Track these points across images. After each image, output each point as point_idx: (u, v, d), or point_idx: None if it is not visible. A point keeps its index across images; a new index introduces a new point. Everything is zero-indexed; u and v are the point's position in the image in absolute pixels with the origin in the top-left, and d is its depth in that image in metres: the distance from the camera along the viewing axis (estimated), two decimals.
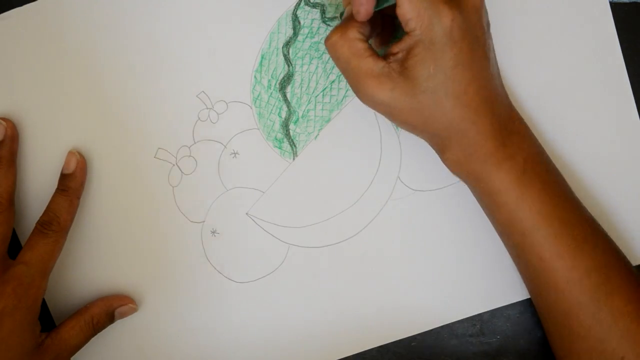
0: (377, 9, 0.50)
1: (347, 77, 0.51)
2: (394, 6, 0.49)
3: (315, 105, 0.58)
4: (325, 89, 0.58)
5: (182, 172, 0.58)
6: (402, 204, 0.58)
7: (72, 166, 0.57)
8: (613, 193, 0.58)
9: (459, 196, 0.58)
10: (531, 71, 0.58)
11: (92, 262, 0.59)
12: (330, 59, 0.57)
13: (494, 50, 0.52)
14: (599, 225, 0.53)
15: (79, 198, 0.57)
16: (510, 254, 0.54)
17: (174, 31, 0.58)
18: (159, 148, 0.58)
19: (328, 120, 0.58)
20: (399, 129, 0.58)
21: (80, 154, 0.57)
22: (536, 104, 0.58)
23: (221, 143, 0.58)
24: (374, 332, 0.59)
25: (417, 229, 0.58)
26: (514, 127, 0.52)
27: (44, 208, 0.56)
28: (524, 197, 0.51)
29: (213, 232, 0.58)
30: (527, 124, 0.54)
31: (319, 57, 0.58)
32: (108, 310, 0.57)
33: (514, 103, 0.54)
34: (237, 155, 0.58)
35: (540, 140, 0.54)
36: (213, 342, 0.59)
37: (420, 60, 0.48)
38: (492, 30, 0.52)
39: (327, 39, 0.51)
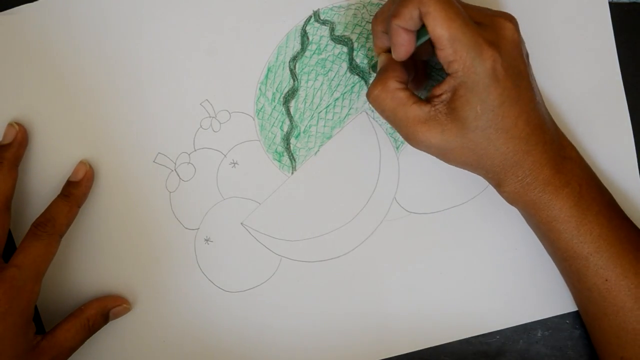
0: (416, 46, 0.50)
1: (395, 127, 0.52)
2: (426, 49, 0.50)
3: (318, 121, 0.58)
4: (328, 105, 0.58)
5: (180, 178, 0.58)
6: (397, 225, 0.59)
7: (79, 175, 0.57)
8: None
9: (454, 221, 0.58)
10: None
11: (85, 263, 0.59)
12: (336, 76, 0.57)
13: (535, 78, 0.52)
14: None
15: (79, 207, 0.57)
16: (570, 279, 0.55)
17: (182, 38, 0.58)
18: (159, 153, 0.58)
19: (329, 137, 0.58)
20: (399, 150, 0.58)
21: (90, 165, 0.57)
22: None
23: (221, 152, 0.58)
24: (361, 349, 0.59)
25: (410, 251, 0.59)
26: (566, 154, 0.53)
27: None
28: (584, 222, 0.52)
29: (207, 240, 0.59)
30: None
31: (324, 74, 0.58)
32: (103, 311, 0.57)
33: None
34: (236, 165, 0.58)
35: None
36: (198, 348, 0.59)
37: (466, 101, 0.49)
38: None
39: (369, 94, 0.52)
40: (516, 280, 0.58)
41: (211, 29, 0.58)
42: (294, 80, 0.58)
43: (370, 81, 0.58)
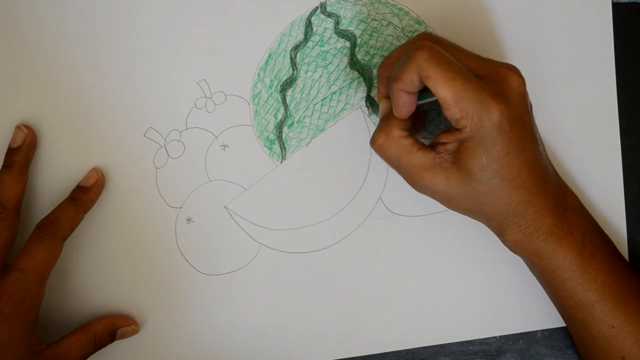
0: (417, 104, 0.51)
1: (400, 173, 0.52)
2: (428, 103, 0.50)
3: (313, 112, 0.58)
4: (325, 98, 0.58)
5: (168, 155, 0.58)
6: (380, 224, 0.59)
7: (90, 181, 0.57)
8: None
9: (435, 226, 0.59)
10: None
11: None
12: (335, 69, 0.57)
13: (537, 128, 0.53)
14: None
15: (85, 212, 0.56)
16: (576, 327, 0.55)
17: (186, 17, 0.58)
18: (150, 127, 0.58)
19: (322, 130, 0.58)
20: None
21: (102, 173, 0.57)
22: None
23: (213, 133, 0.58)
24: (329, 345, 0.59)
25: (389, 251, 0.59)
26: (568, 203, 0.54)
27: None
28: (588, 271, 0.52)
29: (188, 220, 0.58)
30: None
31: (324, 67, 0.58)
32: (111, 329, 0.57)
33: None
34: (226, 148, 0.58)
35: None
36: (167, 327, 0.58)
37: (472, 153, 0.49)
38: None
39: (373, 142, 0.52)
40: (493, 293, 0.59)
41: (217, 11, 0.58)
42: (293, 70, 0.58)
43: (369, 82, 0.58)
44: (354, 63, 0.58)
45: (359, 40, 0.58)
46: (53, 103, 0.57)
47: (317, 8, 0.58)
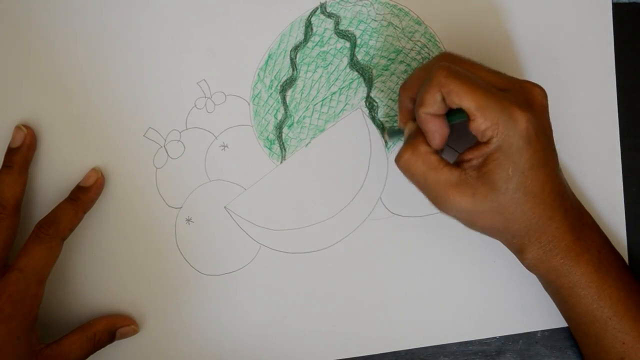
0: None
1: (425, 191, 0.52)
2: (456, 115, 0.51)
3: (313, 113, 0.58)
4: (325, 99, 0.58)
5: (168, 155, 0.58)
6: (380, 224, 0.59)
7: (90, 181, 0.57)
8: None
9: (435, 227, 0.59)
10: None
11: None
12: (335, 70, 0.58)
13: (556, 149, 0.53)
14: None
15: (85, 212, 0.56)
16: (588, 342, 0.55)
17: (186, 17, 0.58)
18: (150, 127, 0.58)
19: (322, 130, 0.58)
20: (389, 149, 0.58)
21: (102, 173, 0.57)
22: None
23: (212, 134, 0.58)
24: (329, 345, 0.59)
25: (389, 251, 0.59)
26: (584, 220, 0.54)
27: None
28: (604, 287, 0.53)
29: (188, 220, 0.58)
30: None
31: (324, 67, 0.58)
32: (111, 329, 0.57)
33: None
34: (226, 148, 0.58)
35: None
36: (166, 327, 0.58)
37: (499, 164, 0.49)
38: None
39: (398, 158, 0.52)
40: (493, 293, 0.59)
41: (217, 11, 0.58)
42: (293, 70, 0.58)
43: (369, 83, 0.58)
44: (354, 63, 0.58)
45: (359, 41, 0.58)
46: (53, 103, 0.58)
47: (317, 8, 0.58)
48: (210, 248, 0.58)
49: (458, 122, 0.51)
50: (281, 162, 0.58)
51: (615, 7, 0.59)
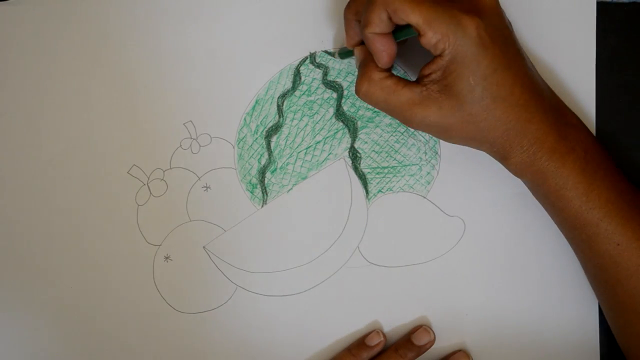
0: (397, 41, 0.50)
1: (391, 114, 0.51)
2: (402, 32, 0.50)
3: (296, 160, 0.59)
4: (309, 147, 0.59)
5: (151, 193, 0.58)
6: (356, 273, 0.59)
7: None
8: None
9: (412, 278, 0.59)
10: None
11: (37, 256, 0.58)
12: (321, 119, 0.58)
13: (521, 46, 0.52)
14: None
15: None
16: (581, 248, 0.54)
17: (177, 58, 0.58)
18: (134, 165, 0.58)
19: (304, 178, 0.59)
20: (370, 200, 0.59)
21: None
22: None
23: (196, 174, 0.58)
24: None
25: (363, 300, 0.59)
26: (568, 120, 0.53)
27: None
28: (591, 188, 0.51)
29: (166, 258, 0.59)
30: None
31: (310, 116, 0.59)
32: None
33: None
34: (208, 189, 0.59)
35: None
36: None
37: (457, 75, 0.48)
38: None
39: (357, 91, 0.51)
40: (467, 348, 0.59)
41: (207, 55, 0.58)
42: (279, 117, 0.59)
43: (354, 130, 0.58)
44: (339, 114, 0.59)
45: (345, 92, 0.58)
46: (38, 137, 0.58)
47: (306, 58, 0.58)
48: (187, 286, 0.59)
49: (406, 38, 0.50)
50: (262, 207, 0.59)
51: (615, 7, 0.58)
